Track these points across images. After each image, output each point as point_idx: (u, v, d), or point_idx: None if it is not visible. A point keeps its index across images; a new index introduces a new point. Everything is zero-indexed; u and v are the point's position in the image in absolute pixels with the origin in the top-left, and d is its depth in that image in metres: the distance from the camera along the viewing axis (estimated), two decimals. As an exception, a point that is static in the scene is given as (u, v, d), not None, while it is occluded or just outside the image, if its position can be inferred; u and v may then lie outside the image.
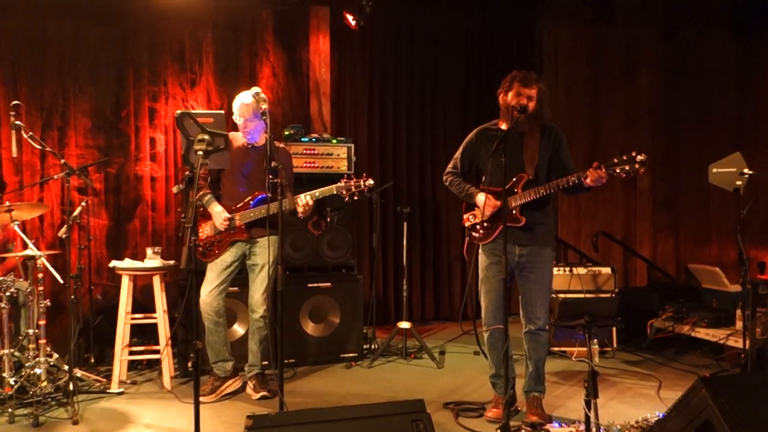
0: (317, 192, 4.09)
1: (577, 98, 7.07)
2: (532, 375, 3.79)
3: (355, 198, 4.08)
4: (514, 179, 3.67)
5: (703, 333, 5.01)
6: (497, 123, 3.84)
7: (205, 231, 4.24)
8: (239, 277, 4.36)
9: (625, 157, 3.41)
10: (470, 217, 3.87)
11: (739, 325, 4.86)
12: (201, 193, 4.22)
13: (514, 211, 3.65)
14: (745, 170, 4.52)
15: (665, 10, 7.12)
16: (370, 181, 4.07)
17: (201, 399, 4.04)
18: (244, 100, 4.15)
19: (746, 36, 7.15)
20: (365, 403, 3.81)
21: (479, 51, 6.82)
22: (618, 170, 3.42)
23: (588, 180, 3.46)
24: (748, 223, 6.18)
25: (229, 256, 4.22)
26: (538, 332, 3.74)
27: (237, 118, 4.19)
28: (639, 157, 3.37)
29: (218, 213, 4.16)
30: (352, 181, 4.05)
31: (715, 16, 7.12)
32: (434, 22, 6.67)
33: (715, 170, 4.66)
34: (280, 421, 2.58)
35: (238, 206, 4.19)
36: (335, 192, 4.07)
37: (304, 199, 4.05)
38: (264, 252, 4.23)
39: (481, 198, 3.72)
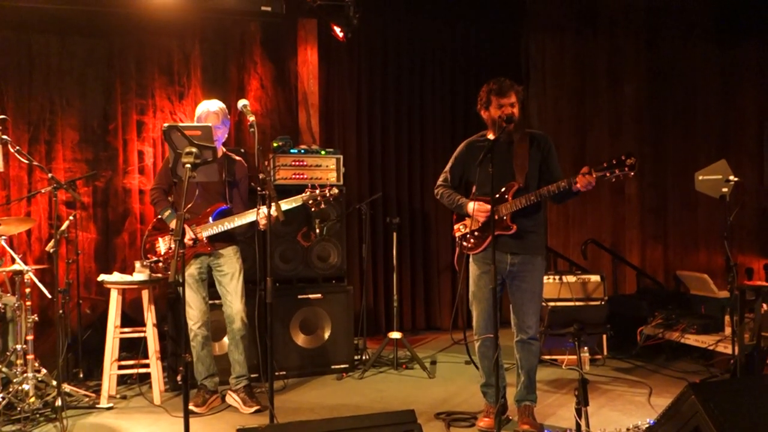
0: (282, 203, 4.06)
1: (564, 107, 7.13)
2: (524, 384, 3.79)
3: (321, 207, 4.16)
4: (504, 188, 3.68)
5: (692, 339, 5.03)
6: (485, 134, 3.85)
7: (165, 246, 4.22)
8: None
9: (614, 161, 3.42)
10: (461, 227, 3.87)
11: (727, 331, 4.90)
12: (162, 207, 4.23)
13: (504, 218, 3.66)
14: (731, 177, 4.55)
15: (649, 20, 7.21)
16: (335, 190, 4.15)
17: (194, 410, 4.05)
18: (210, 107, 4.23)
19: (729, 45, 7.26)
20: (356, 414, 3.79)
21: (466, 62, 6.87)
22: (608, 174, 3.43)
23: (578, 185, 3.48)
24: (735, 230, 6.25)
25: (195, 269, 4.22)
26: (530, 341, 3.74)
27: (213, 119, 4.18)
28: (629, 161, 3.38)
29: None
30: (317, 191, 4.11)
31: (698, 26, 7.23)
32: (421, 33, 6.71)
33: (701, 178, 4.69)
34: (271, 434, 2.57)
35: (198, 218, 4.18)
36: (302, 202, 4.11)
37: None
38: (229, 261, 4.25)
39: (471, 206, 3.72)
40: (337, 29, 5.78)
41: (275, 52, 6.09)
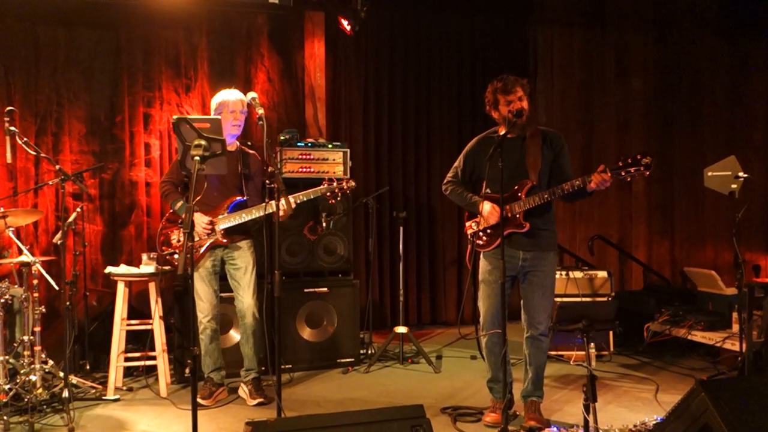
0: (301, 195, 4.10)
1: (571, 102, 7.10)
2: (532, 380, 3.77)
3: (338, 198, 4.22)
4: (518, 185, 3.66)
5: (699, 336, 5.01)
6: (497, 130, 3.83)
7: (180, 237, 4.22)
8: (228, 283, 4.34)
9: (630, 160, 3.39)
10: (473, 224, 3.83)
11: (735, 328, 4.88)
12: (174, 199, 4.22)
13: (518, 216, 3.64)
14: (740, 173, 4.52)
15: (657, 15, 7.18)
16: (352, 183, 4.21)
17: (201, 402, 4.06)
18: (238, 95, 4.23)
19: (737, 41, 7.22)
20: (363, 408, 3.79)
21: (474, 56, 6.84)
22: (623, 173, 3.40)
23: (592, 183, 3.45)
24: (743, 226, 6.21)
25: (209, 262, 4.22)
26: (540, 338, 3.72)
27: (227, 112, 4.18)
28: (644, 160, 3.35)
29: (198, 217, 4.11)
30: (334, 183, 4.14)
31: (706, 21, 7.18)
32: (429, 27, 6.68)
33: (710, 173, 4.67)
34: (279, 428, 2.57)
35: (214, 211, 4.18)
36: (321, 194, 4.14)
37: (284, 203, 4.03)
38: (243, 255, 4.25)
39: (486, 207, 3.68)
40: (345, 22, 5.76)
41: (282, 45, 6.07)
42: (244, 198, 4.21)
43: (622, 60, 7.15)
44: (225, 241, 4.17)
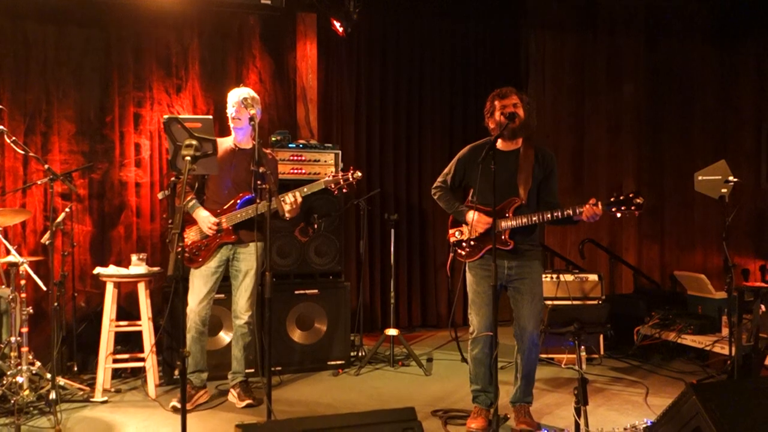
0: (305, 188, 4.09)
1: (562, 106, 7.11)
2: (521, 387, 3.77)
3: (344, 191, 4.15)
4: (506, 202, 3.65)
5: (689, 339, 5.03)
6: (490, 140, 3.82)
7: (190, 236, 4.19)
8: (224, 283, 4.31)
9: (622, 198, 3.44)
10: (456, 233, 3.83)
11: (724, 331, 4.90)
12: (186, 198, 4.19)
13: (503, 236, 3.64)
14: (730, 178, 4.54)
15: (648, 21, 7.21)
16: (358, 174, 4.14)
17: (177, 406, 4.01)
18: (241, 91, 4.19)
19: (727, 47, 7.28)
20: (353, 411, 3.78)
21: (466, 58, 6.85)
22: (614, 209, 3.44)
23: (583, 216, 3.48)
24: (732, 231, 6.25)
25: (214, 262, 4.19)
26: (531, 347, 3.71)
27: (228, 107, 4.19)
28: (637, 200, 3.39)
29: (205, 217, 4.11)
30: (340, 174, 4.11)
31: (696, 27, 7.24)
32: (421, 30, 6.69)
33: (700, 178, 4.68)
34: (269, 430, 2.55)
35: (224, 208, 4.16)
36: (324, 186, 4.09)
37: (291, 197, 4.03)
38: (248, 258, 4.21)
39: (472, 215, 3.68)
40: (337, 24, 5.75)
41: (274, 46, 6.05)
42: (254, 194, 4.18)
43: (614, 65, 7.18)
44: (233, 237, 4.15)
